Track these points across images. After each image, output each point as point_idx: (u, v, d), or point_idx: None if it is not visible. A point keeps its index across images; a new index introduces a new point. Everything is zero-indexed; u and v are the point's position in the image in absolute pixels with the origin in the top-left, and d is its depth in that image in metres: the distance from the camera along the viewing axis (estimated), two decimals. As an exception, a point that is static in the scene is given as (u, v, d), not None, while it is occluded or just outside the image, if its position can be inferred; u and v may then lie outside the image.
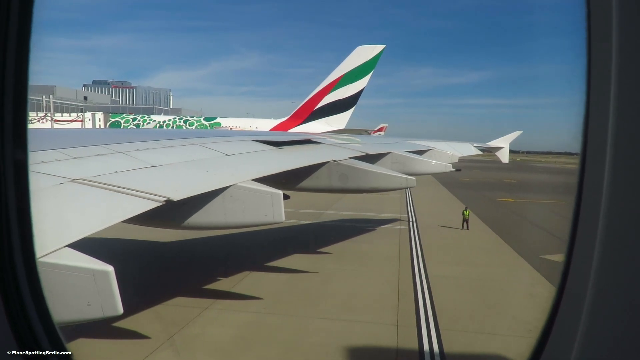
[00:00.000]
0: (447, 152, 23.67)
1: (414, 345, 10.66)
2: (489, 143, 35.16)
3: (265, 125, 58.20)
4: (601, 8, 1.84)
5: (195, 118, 66.41)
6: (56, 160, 7.66)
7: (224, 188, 9.25)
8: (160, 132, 29.44)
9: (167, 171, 9.16)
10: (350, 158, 15.48)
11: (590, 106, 1.96)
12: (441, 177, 40.73)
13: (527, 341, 10.93)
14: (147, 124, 61.55)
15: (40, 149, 7.91)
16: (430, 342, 10.75)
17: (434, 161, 20.43)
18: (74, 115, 65.39)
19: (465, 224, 25.20)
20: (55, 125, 57.51)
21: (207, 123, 61.91)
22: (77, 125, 59.51)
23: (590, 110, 1.96)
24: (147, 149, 10.20)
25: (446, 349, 10.47)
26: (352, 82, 53.48)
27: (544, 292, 14.75)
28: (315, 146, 16.65)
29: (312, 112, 55.04)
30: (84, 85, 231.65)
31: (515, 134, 36.08)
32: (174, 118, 66.30)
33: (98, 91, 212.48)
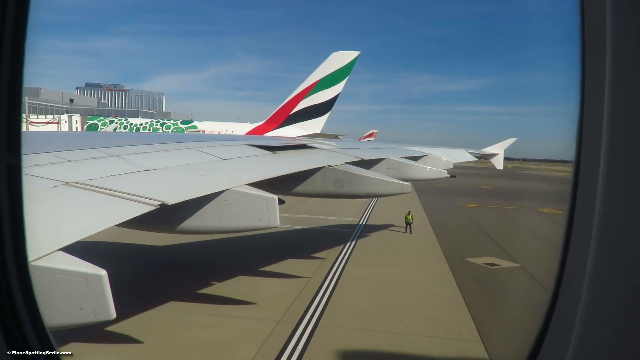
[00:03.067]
0: (442, 158, 23.74)
1: (284, 339, 10.96)
2: (483, 150, 35.31)
3: (241, 129, 58.20)
4: (595, 17, 1.86)
5: (172, 121, 66.89)
6: (50, 163, 7.63)
7: (219, 192, 9.24)
8: (155, 136, 29.40)
9: (162, 175, 9.14)
10: (346, 163, 15.50)
11: (585, 114, 1.98)
12: (418, 182, 40.98)
13: (398, 337, 11.37)
14: (125, 126, 61.53)
15: (34, 151, 7.88)
16: (300, 337, 11.07)
17: (428, 167, 20.49)
18: (50, 117, 64.61)
19: (408, 228, 25.30)
20: (31, 128, 56.66)
21: (183, 126, 62.29)
22: (53, 127, 58.98)
23: (584, 117, 1.98)
24: (142, 152, 10.18)
25: (313, 343, 10.81)
26: (327, 88, 53.74)
27: (443, 293, 15.26)
28: (311, 151, 16.66)
29: (287, 117, 55.25)
30: (77, 88, 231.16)
31: (510, 141, 36.26)
32: (151, 121, 66.43)
33: (90, 94, 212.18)
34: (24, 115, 60.27)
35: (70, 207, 6.57)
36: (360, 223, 27.95)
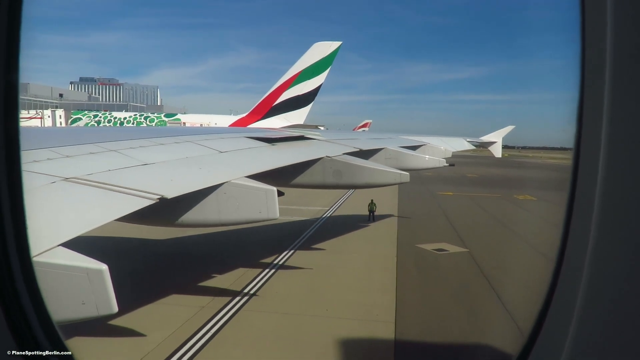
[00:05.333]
0: (441, 147, 23.73)
1: (200, 323, 11.24)
2: (482, 138, 35.35)
3: (224, 121, 58.04)
4: (596, 3, 1.84)
5: (155, 114, 67.21)
6: (48, 159, 7.61)
7: (218, 185, 9.23)
8: (153, 130, 29.31)
9: (161, 169, 9.12)
10: (344, 154, 15.47)
11: (585, 101, 1.95)
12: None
13: (314, 319, 11.63)
14: (109, 120, 61.53)
15: (32, 147, 7.86)
16: (218, 322, 11.38)
17: (427, 156, 20.50)
18: (32, 112, 64.16)
19: (371, 216, 25.37)
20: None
21: (167, 119, 62.65)
22: (37, 122, 58.65)
23: (584, 105, 1.95)
24: (140, 146, 10.15)
25: (231, 328, 11.12)
26: (310, 79, 53.44)
27: (379, 277, 15.48)
28: (309, 142, 16.64)
29: (271, 108, 55.05)
30: (71, 82, 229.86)
31: (508, 129, 36.32)
32: (135, 114, 66.59)
33: (84, 88, 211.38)
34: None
35: (70, 202, 6.57)
36: (328, 212, 27.91)
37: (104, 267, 5.11)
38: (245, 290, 13.67)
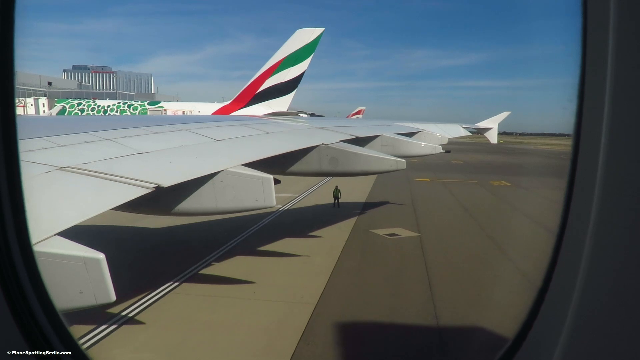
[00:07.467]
0: (436, 134, 23.78)
1: (120, 307, 11.28)
2: (478, 124, 35.32)
3: (208, 109, 58.08)
4: None
5: (139, 102, 67.83)
6: (42, 148, 7.56)
7: (214, 173, 9.20)
8: (148, 119, 29.11)
9: (156, 158, 9.08)
10: (340, 141, 15.44)
11: (586, 88, 1.88)
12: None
13: (238, 301, 11.89)
14: (92, 108, 61.47)
15: (26, 137, 7.79)
16: (149, 304, 11.75)
17: (423, 143, 20.51)
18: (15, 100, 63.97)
19: (336, 202, 25.58)
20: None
21: (149, 107, 62.93)
22: (19, 111, 58.56)
23: (585, 91, 1.89)
24: (135, 135, 10.10)
25: (151, 311, 11.36)
26: (292, 65, 53.43)
27: (320, 261, 15.68)
28: (305, 130, 16.59)
29: (254, 96, 55.02)
30: (64, 70, 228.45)
31: (504, 115, 36.28)
32: (119, 103, 66.95)
33: (77, 76, 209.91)
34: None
35: (65, 191, 6.53)
36: (296, 199, 27.79)
37: (101, 255, 5.11)
38: (180, 275, 13.89)
